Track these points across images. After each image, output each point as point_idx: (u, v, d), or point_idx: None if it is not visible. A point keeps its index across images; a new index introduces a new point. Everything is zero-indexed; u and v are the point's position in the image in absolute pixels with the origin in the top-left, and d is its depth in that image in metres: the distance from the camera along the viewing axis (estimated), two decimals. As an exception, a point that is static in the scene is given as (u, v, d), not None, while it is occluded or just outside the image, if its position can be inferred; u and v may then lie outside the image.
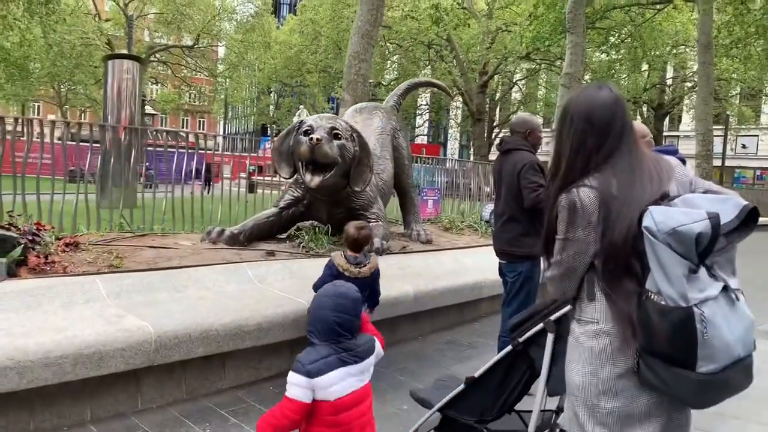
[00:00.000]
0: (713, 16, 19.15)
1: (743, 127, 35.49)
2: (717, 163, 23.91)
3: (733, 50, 22.81)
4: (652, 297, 1.62)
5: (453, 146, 49.07)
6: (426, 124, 42.34)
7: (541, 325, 2.18)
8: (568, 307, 1.99)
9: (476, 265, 6.08)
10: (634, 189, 1.75)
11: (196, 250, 4.96)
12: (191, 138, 9.55)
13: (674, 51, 29.12)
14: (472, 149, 32.61)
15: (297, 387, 2.07)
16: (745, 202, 1.67)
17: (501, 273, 4.23)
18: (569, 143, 1.88)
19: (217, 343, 3.74)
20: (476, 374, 2.43)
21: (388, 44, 30.34)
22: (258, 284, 4.54)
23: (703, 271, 1.61)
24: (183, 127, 51.06)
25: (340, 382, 2.12)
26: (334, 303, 2.20)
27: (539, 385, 2.21)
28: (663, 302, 1.59)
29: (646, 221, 1.63)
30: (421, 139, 43.34)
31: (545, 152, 4.99)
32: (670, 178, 1.83)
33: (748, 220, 1.66)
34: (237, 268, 4.66)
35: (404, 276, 5.25)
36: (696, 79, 23.50)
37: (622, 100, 1.90)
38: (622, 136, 1.84)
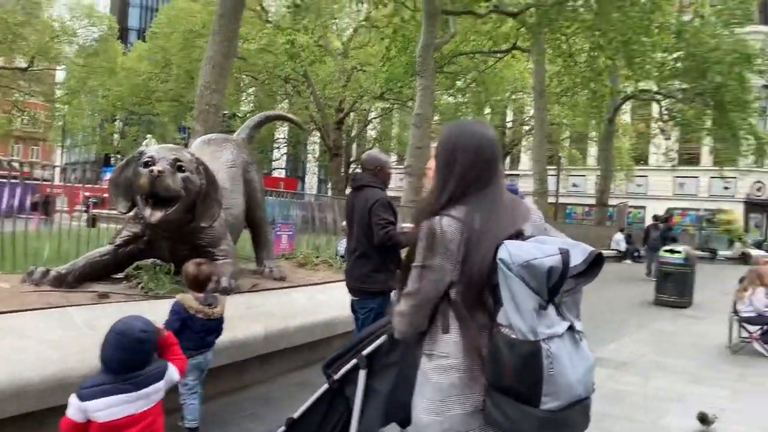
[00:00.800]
0: (546, 67, 21.09)
1: (573, 167, 39.22)
2: (551, 200, 26.04)
3: (563, 98, 25.28)
4: (503, 330, 1.64)
5: (311, 180, 49.11)
6: (284, 158, 42.01)
7: (354, 360, 2.13)
8: (382, 339, 1.97)
9: (331, 302, 5.98)
10: (494, 223, 1.78)
11: (15, 293, 4.38)
12: (25, 167, 8.61)
13: (513, 96, 31.65)
14: (330, 184, 32.83)
15: (70, 407, 2.32)
16: (592, 249, 1.74)
17: (353, 309, 4.18)
18: (441, 174, 1.90)
19: (36, 399, 3.29)
20: (295, 415, 2.34)
21: (243, 76, 29.91)
22: (86, 330, 4.08)
23: (551, 308, 1.64)
24: (14, 156, 46.37)
25: (112, 408, 2.31)
26: (116, 341, 2.36)
27: (352, 423, 2.15)
28: (513, 335, 1.61)
29: (502, 253, 1.65)
30: (279, 173, 42.89)
31: (398, 188, 5.08)
32: (527, 219, 1.88)
33: (593, 266, 1.73)
34: (62, 313, 4.16)
35: (254, 315, 5.01)
36: (532, 123, 25.64)
37: (494, 136, 1.98)
38: (490, 171, 1.88)
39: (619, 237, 22.57)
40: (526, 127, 33.61)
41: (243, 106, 33.44)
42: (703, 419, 4.26)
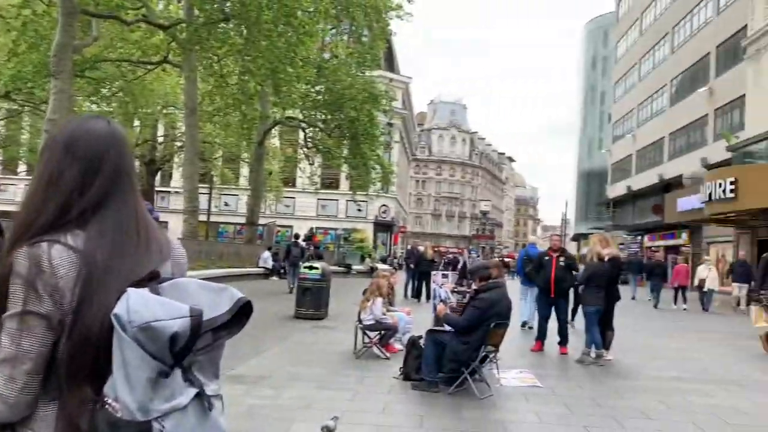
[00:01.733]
0: (198, 85, 20.95)
1: (225, 186, 39.75)
2: (203, 218, 25.84)
3: (216, 117, 25.45)
4: (108, 406, 1.25)
5: None
6: None
7: None
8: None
9: None
10: (123, 258, 1.36)
11: None
12: None
13: (164, 111, 30.63)
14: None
15: None
16: (241, 295, 1.39)
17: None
18: (42, 179, 1.40)
19: None
20: None
21: None
22: None
23: (177, 373, 1.30)
24: None
25: None
26: None
27: None
28: (118, 413, 1.23)
29: (119, 308, 1.25)
30: None
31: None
32: (166, 255, 1.48)
33: (241, 315, 1.40)
34: None
35: None
36: (184, 140, 25.17)
37: (124, 138, 1.48)
38: (118, 183, 1.42)
39: (266, 255, 23.56)
40: (178, 144, 32.85)
41: None
42: (327, 430, 4.62)
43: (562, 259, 8.99)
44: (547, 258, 9.08)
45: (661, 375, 7.78)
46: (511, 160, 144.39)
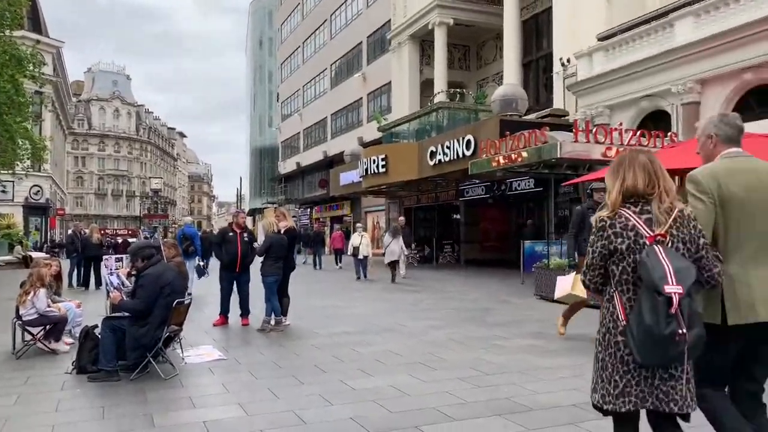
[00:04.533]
0: None
1: None
2: None
3: None
4: None
5: None
6: None
7: None
8: None
9: None
10: None
11: None
12: None
13: None
14: None
15: None
16: None
17: None
18: None
19: None
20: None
21: None
22: None
23: None
24: None
25: None
26: None
27: None
28: None
29: None
30: None
31: None
32: None
33: None
34: None
35: None
36: None
37: None
38: None
39: None
40: None
41: None
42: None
43: (245, 234, 9.29)
44: (231, 234, 9.27)
45: (331, 331, 8.69)
46: (182, 135, 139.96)
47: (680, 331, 2.36)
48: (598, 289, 2.73)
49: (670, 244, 2.51)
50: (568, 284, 8.07)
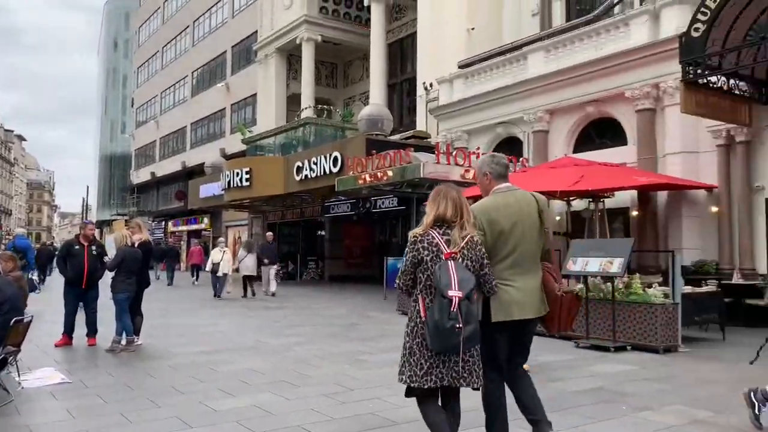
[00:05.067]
0: None
1: None
2: None
3: None
4: None
5: None
6: None
7: None
8: None
9: None
10: None
11: None
12: None
13: None
14: None
15: None
16: None
17: None
18: None
19: None
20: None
21: None
22: None
23: None
24: None
25: None
26: None
27: None
28: None
29: None
30: None
31: None
32: None
33: None
34: None
35: None
36: None
37: None
38: None
39: None
40: None
41: None
42: None
43: (93, 248, 8.60)
44: (77, 247, 8.53)
45: (189, 351, 8.26)
46: (21, 138, 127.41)
47: (458, 326, 3.06)
48: (409, 291, 3.39)
49: (461, 260, 3.23)
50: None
